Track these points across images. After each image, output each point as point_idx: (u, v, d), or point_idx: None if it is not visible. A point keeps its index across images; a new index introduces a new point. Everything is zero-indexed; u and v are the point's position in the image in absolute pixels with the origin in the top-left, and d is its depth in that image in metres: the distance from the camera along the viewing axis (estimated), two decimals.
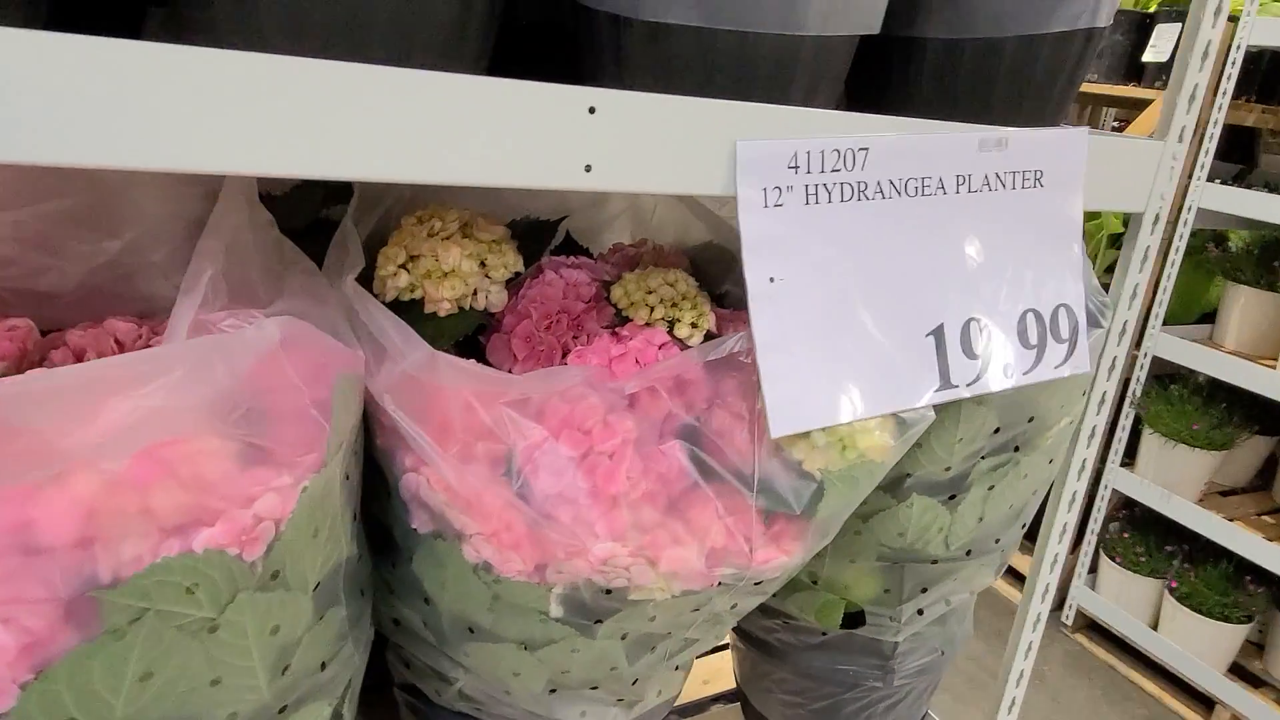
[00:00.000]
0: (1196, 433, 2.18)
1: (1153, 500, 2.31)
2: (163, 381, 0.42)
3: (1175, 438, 2.22)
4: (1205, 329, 2.35)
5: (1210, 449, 2.20)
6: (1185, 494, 2.25)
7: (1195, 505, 2.23)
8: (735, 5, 0.59)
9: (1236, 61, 2.07)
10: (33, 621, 0.42)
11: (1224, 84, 2.10)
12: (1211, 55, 0.77)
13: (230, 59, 0.42)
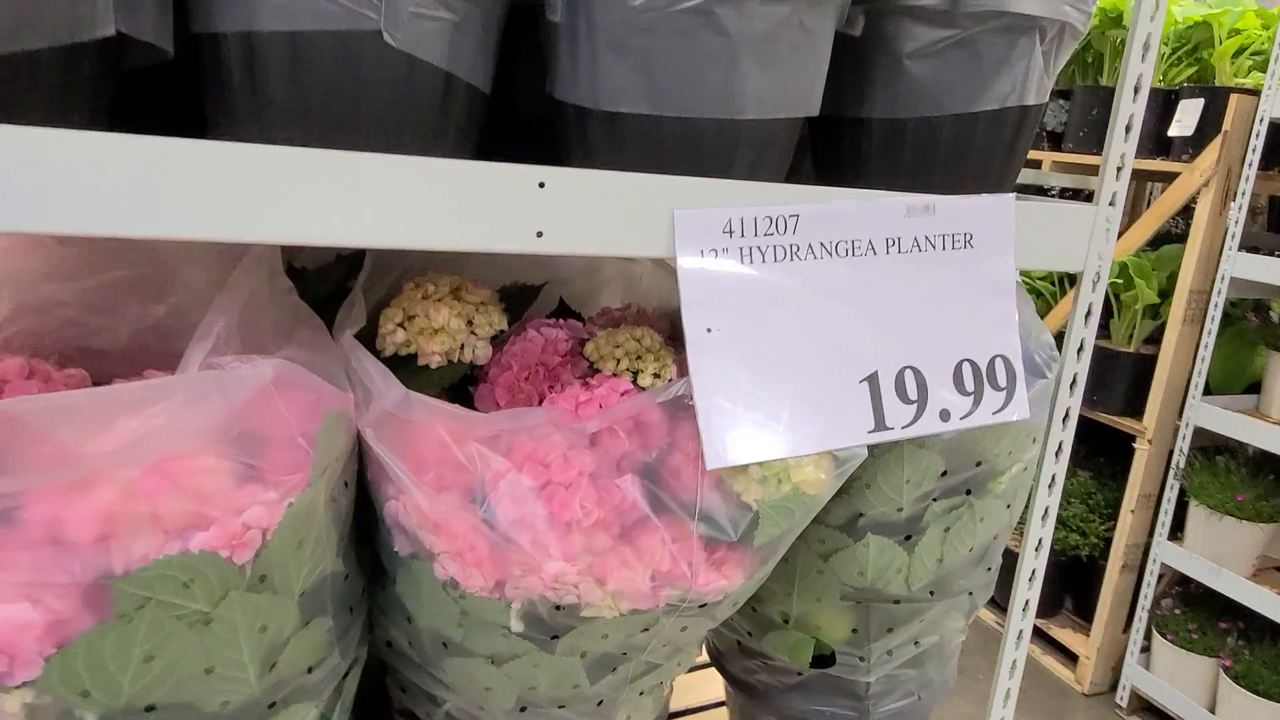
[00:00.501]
0: (1243, 504, 2.13)
1: (1202, 575, 2.25)
2: (165, 405, 0.52)
3: (1221, 509, 2.17)
4: (1251, 399, 2.32)
5: (1259, 521, 2.15)
6: (1236, 568, 2.19)
7: (1247, 580, 2.16)
8: (678, 96, 0.69)
9: (1261, 134, 2.10)
10: (57, 603, 0.51)
11: (1249, 156, 2.13)
12: (1136, 128, 0.84)
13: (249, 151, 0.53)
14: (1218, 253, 2.21)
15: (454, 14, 0.64)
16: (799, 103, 0.73)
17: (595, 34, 0.68)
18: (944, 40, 0.78)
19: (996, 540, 0.87)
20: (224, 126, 0.62)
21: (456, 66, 0.66)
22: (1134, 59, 0.81)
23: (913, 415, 0.73)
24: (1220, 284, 2.21)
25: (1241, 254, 2.16)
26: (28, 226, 0.50)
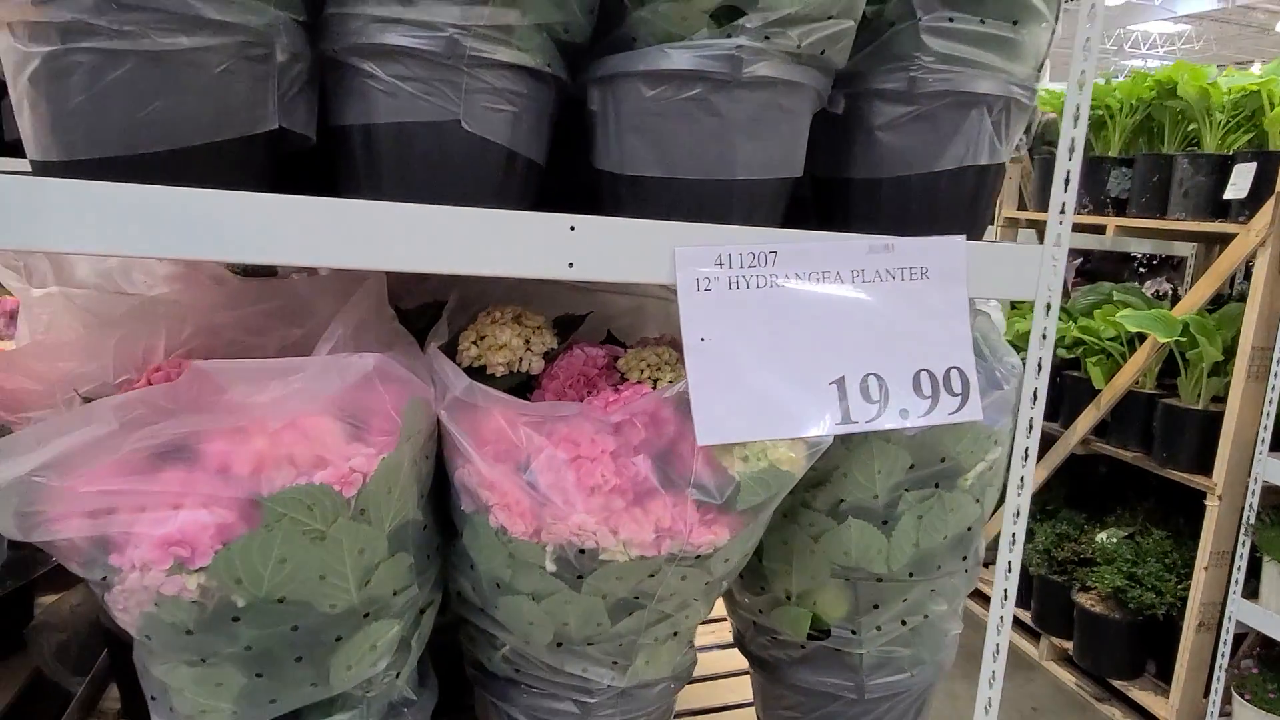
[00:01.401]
0: None
1: (1277, 632, 2.23)
2: (300, 378, 0.74)
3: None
4: None
5: None
6: None
7: None
8: (683, 162, 0.90)
9: None
10: (223, 513, 0.73)
11: None
12: (1074, 181, 0.99)
13: (347, 208, 0.76)
14: (1276, 310, 2.25)
15: (515, 107, 0.87)
16: (781, 166, 0.93)
17: (621, 118, 0.90)
18: (907, 114, 0.97)
19: (970, 531, 1.01)
20: (350, 189, 0.86)
21: (516, 145, 0.88)
22: (1066, 125, 0.98)
23: (875, 413, 0.90)
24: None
25: None
26: (225, 257, 0.74)
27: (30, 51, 0.74)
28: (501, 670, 0.99)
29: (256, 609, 0.76)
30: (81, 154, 0.76)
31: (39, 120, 0.76)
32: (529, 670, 0.96)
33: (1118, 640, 2.71)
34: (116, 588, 0.74)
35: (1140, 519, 2.85)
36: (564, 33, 0.89)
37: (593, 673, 0.94)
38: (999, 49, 0.96)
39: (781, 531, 1.02)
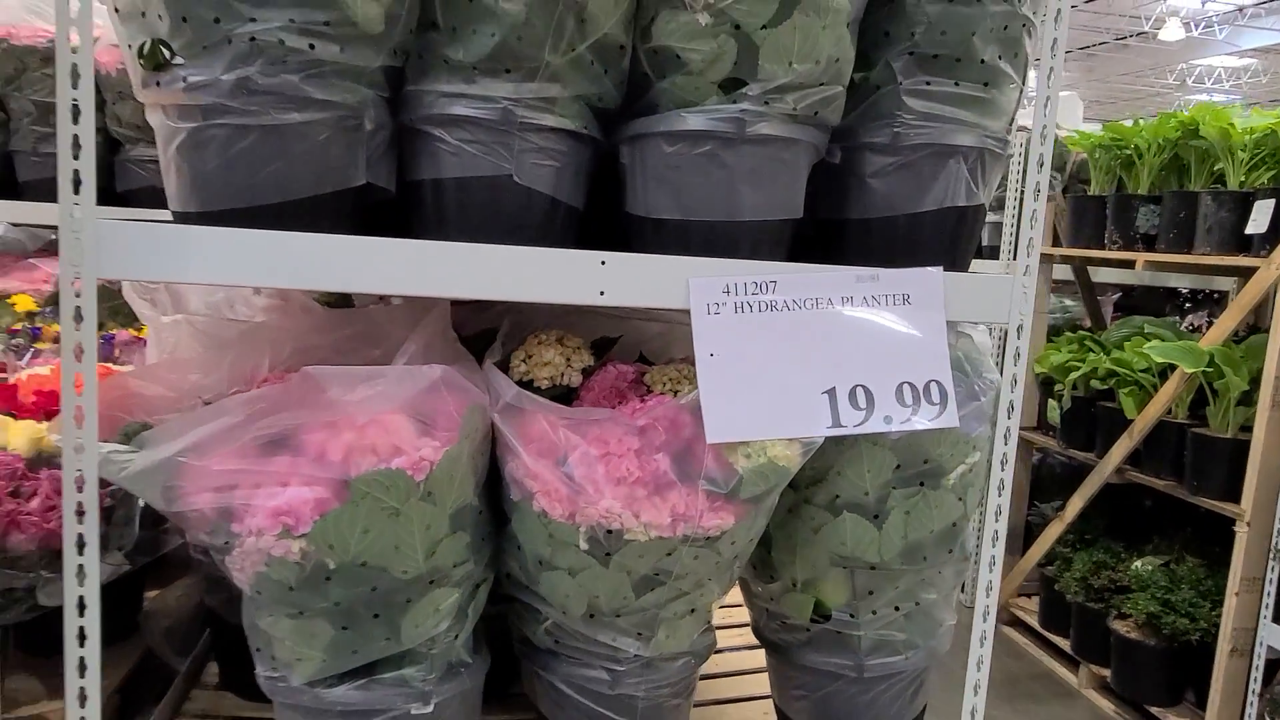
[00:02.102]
0: None
1: None
2: (381, 383, 0.92)
3: None
4: None
5: None
6: None
7: None
8: (698, 207, 1.07)
9: None
10: (320, 491, 0.91)
11: None
12: (1040, 219, 1.13)
13: (421, 247, 0.94)
14: None
15: (557, 163, 1.05)
16: (782, 209, 1.10)
17: (646, 170, 1.08)
18: (893, 164, 1.13)
19: (955, 527, 1.15)
20: (422, 232, 1.05)
21: (559, 194, 1.06)
22: (1031, 170, 1.12)
23: (862, 418, 1.04)
24: None
25: None
26: (323, 286, 0.93)
27: (178, 127, 0.95)
28: (544, 643, 1.15)
29: (344, 571, 0.94)
30: (214, 206, 0.96)
31: (182, 180, 0.97)
32: (567, 641, 1.12)
33: (1154, 667, 2.74)
34: (236, 550, 0.93)
35: (1177, 547, 2.89)
36: (598, 101, 1.07)
37: (621, 642, 1.09)
38: (972, 107, 1.11)
39: (787, 526, 1.17)
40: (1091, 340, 3.10)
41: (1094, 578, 2.96)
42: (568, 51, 1.00)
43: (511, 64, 0.99)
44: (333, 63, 0.94)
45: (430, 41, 1.00)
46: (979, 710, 1.18)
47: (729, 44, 1.00)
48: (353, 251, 0.95)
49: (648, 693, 1.13)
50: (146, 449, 0.92)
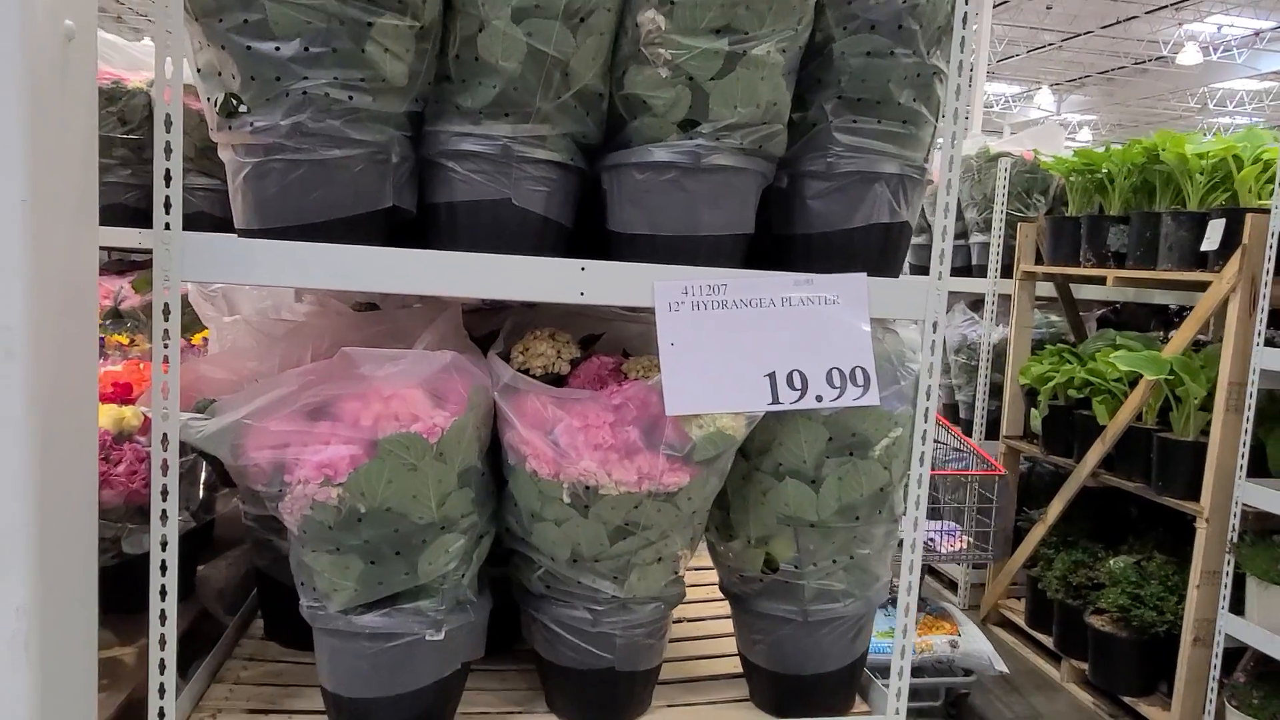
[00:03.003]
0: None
1: (1259, 642, 2.43)
2: (404, 363, 1.16)
3: (1266, 578, 2.38)
4: None
5: None
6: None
7: None
8: (664, 223, 1.30)
9: (1273, 246, 2.43)
10: (354, 449, 1.14)
11: (1267, 265, 2.46)
12: (950, 235, 1.35)
13: (437, 255, 1.18)
14: (1248, 349, 2.50)
15: (548, 188, 1.29)
16: (734, 226, 1.32)
17: (622, 193, 1.31)
18: (828, 188, 1.35)
19: (883, 491, 1.36)
20: (437, 244, 1.29)
21: (550, 213, 1.30)
22: (940, 194, 1.34)
23: (798, 397, 1.26)
24: (1253, 375, 2.49)
25: (1267, 349, 2.45)
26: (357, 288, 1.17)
27: (245, 161, 1.19)
28: (537, 588, 1.37)
29: (372, 514, 1.17)
30: (272, 224, 1.20)
31: (247, 203, 1.21)
32: (556, 586, 1.34)
33: (1127, 658, 2.90)
34: (287, 497, 1.16)
35: (1149, 546, 3.06)
36: (582, 138, 1.31)
37: (599, 585, 1.31)
38: (893, 141, 1.34)
39: (741, 491, 1.38)
40: (1069, 352, 3.29)
41: (1073, 576, 3.13)
42: (555, 99, 1.24)
43: (510, 109, 1.23)
44: (367, 110, 1.18)
45: (444, 91, 1.25)
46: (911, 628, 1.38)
47: (685, 92, 1.23)
48: (381, 260, 1.19)
49: (624, 631, 1.35)
50: (217, 415, 1.16)
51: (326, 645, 1.27)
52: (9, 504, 0.97)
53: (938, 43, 1.32)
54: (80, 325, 1.10)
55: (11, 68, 0.93)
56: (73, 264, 1.07)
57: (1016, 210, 3.65)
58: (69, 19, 1.01)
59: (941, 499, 2.93)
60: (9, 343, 0.96)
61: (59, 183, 1.02)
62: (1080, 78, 20.47)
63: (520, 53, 1.19)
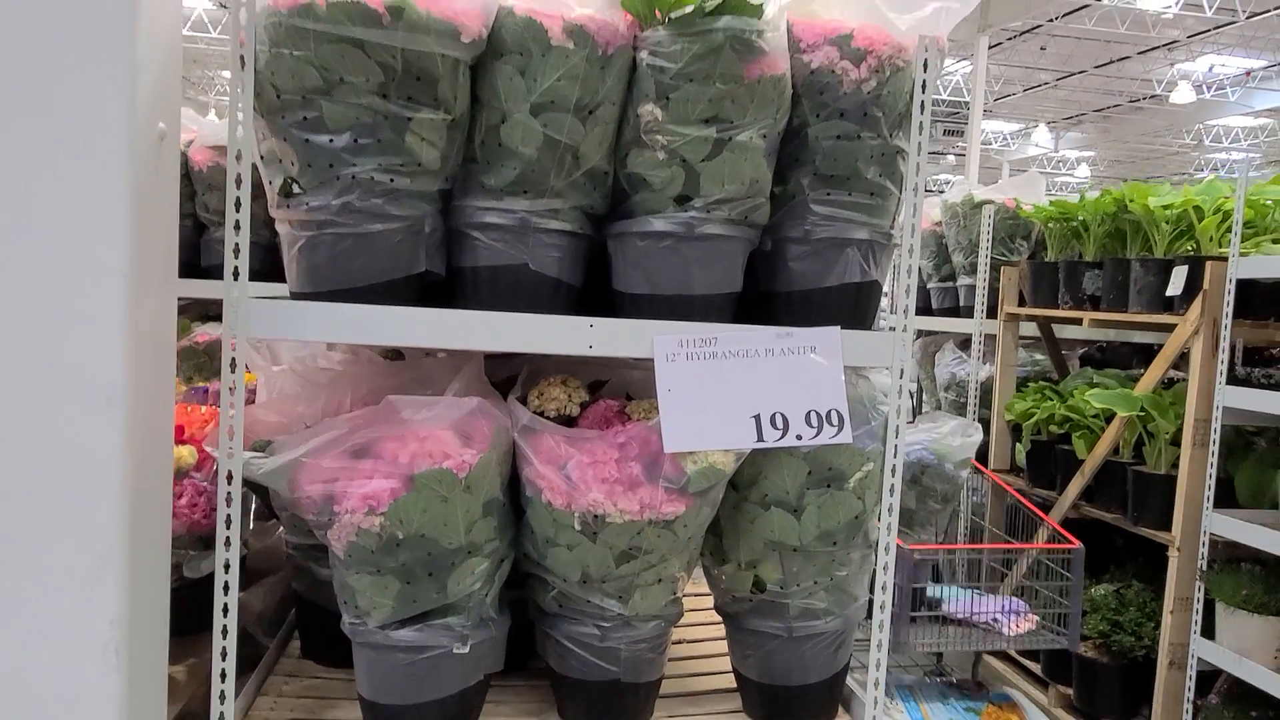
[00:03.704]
0: (1248, 597, 2.49)
1: (1228, 664, 2.57)
2: (436, 408, 1.34)
3: (1233, 603, 2.53)
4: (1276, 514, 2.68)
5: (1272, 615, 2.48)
6: (1259, 659, 2.51)
7: (1270, 670, 2.48)
8: (662, 284, 1.48)
9: (1231, 291, 2.62)
10: (394, 483, 1.32)
11: (1225, 308, 2.63)
12: (914, 288, 1.53)
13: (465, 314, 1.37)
14: (1212, 388, 2.67)
15: (561, 254, 1.48)
16: (724, 285, 1.51)
17: (625, 258, 1.50)
18: (805, 251, 1.54)
19: (858, 519, 1.53)
20: (463, 303, 1.47)
21: (562, 276, 1.49)
22: (904, 253, 1.53)
23: (780, 435, 1.44)
24: (1217, 412, 2.66)
25: (1230, 387, 2.62)
26: (395, 343, 1.35)
27: (300, 235, 1.38)
28: (551, 607, 1.53)
29: (409, 540, 1.35)
30: (323, 288, 1.39)
31: (301, 270, 1.40)
32: (568, 605, 1.51)
33: (1109, 683, 3.04)
34: (335, 525, 1.34)
35: (1130, 574, 3.21)
36: (590, 209, 1.50)
37: (606, 604, 1.48)
38: (862, 211, 1.52)
39: (732, 519, 1.56)
40: (1051, 389, 3.46)
41: None
42: (567, 178, 1.43)
43: (528, 187, 1.42)
44: (405, 190, 1.37)
45: (471, 171, 1.44)
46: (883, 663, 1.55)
47: (679, 172, 1.43)
48: (417, 318, 1.37)
49: (629, 646, 1.51)
50: (276, 454, 1.34)
51: (365, 657, 1.43)
52: (109, 530, 1.15)
53: (899, 126, 1.51)
54: (161, 376, 1.28)
55: (119, 165, 1.13)
56: (157, 323, 1.26)
57: (1000, 254, 3.84)
58: (162, 122, 1.21)
59: (991, 572, 2.86)
60: (110, 393, 1.15)
61: (149, 255, 1.21)
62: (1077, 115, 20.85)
63: (537, 141, 1.38)
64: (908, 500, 2.43)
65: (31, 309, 1.12)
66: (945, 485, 2.47)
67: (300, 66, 1.28)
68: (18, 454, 1.12)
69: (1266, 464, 2.77)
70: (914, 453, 2.43)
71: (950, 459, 2.46)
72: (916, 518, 2.50)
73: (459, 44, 1.31)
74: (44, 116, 1.10)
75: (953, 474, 2.47)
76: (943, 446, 2.46)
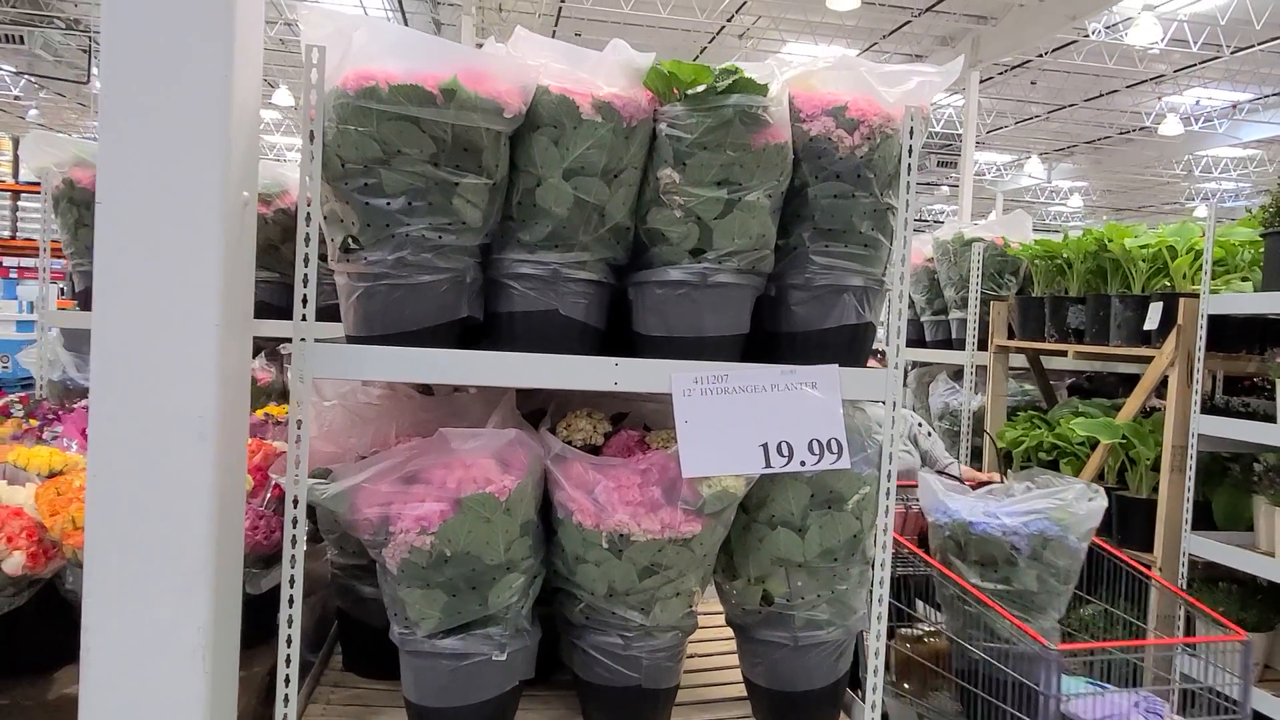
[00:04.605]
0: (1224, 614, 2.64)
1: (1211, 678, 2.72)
2: (479, 439, 1.51)
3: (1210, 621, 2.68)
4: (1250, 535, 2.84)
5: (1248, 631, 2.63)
6: None
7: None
8: (678, 327, 1.66)
9: (1203, 326, 2.79)
10: (443, 506, 1.49)
11: (1199, 342, 2.81)
12: (903, 329, 1.70)
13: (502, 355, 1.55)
14: (1187, 416, 2.85)
15: (587, 300, 1.65)
16: (733, 328, 1.68)
17: (645, 304, 1.68)
18: (807, 297, 1.71)
19: (856, 538, 1.69)
20: (499, 345, 1.64)
21: (588, 320, 1.66)
22: (894, 298, 1.70)
23: (786, 462, 1.61)
24: (1192, 439, 2.83)
25: (1204, 416, 2.79)
26: (440, 379, 1.52)
27: (357, 285, 1.56)
28: (578, 620, 1.69)
29: (455, 557, 1.51)
30: (377, 332, 1.56)
31: (357, 316, 1.57)
32: (594, 617, 1.66)
33: None
34: (390, 544, 1.50)
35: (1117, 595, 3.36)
36: (614, 261, 1.68)
37: (629, 615, 1.63)
38: (857, 260, 1.70)
39: (742, 539, 1.72)
40: (1039, 418, 3.63)
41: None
42: (594, 233, 1.61)
43: (559, 242, 1.60)
44: (451, 245, 1.55)
45: (508, 228, 1.62)
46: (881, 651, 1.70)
47: (694, 228, 1.61)
48: (460, 359, 1.54)
49: (649, 654, 1.67)
50: (338, 480, 1.50)
51: (413, 664, 1.59)
52: (200, 548, 1.31)
53: (890, 185, 1.69)
54: (240, 412, 1.45)
55: (214, 229, 1.31)
56: (238, 364, 1.43)
57: (990, 289, 4.02)
58: (245, 191, 1.39)
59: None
60: (202, 429, 1.31)
61: (234, 307, 1.38)
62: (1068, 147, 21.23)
63: (568, 202, 1.56)
64: (1027, 581, 2.12)
65: (139, 353, 1.29)
66: (1068, 561, 2.18)
67: (363, 140, 1.46)
68: (125, 480, 1.29)
69: (1241, 488, 2.94)
70: (1033, 524, 2.13)
71: (1074, 530, 2.16)
72: (1037, 601, 2.16)
73: (502, 119, 1.49)
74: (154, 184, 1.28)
75: (1076, 547, 2.17)
76: (1066, 515, 2.15)
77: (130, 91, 1.26)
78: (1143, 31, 11.18)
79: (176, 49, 1.26)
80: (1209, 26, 12.29)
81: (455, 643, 1.56)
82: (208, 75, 1.26)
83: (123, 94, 1.26)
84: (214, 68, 1.27)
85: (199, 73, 1.26)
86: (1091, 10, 10.93)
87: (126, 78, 1.26)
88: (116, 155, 1.27)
